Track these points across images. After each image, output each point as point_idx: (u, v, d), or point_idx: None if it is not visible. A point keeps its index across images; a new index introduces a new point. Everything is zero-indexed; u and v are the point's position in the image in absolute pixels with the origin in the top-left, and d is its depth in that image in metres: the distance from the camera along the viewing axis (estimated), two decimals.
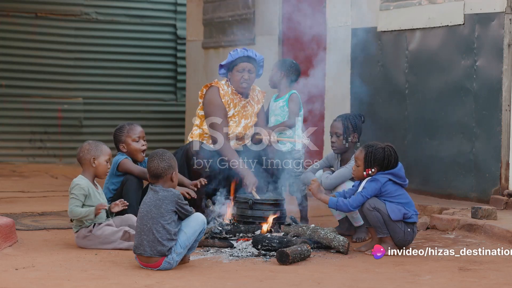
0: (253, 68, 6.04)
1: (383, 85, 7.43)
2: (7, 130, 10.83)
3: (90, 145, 5.25)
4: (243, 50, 6.05)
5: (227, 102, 6.00)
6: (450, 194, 6.82)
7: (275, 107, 6.25)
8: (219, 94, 5.99)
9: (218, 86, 6.02)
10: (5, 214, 5.94)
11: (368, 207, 5.07)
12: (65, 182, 8.90)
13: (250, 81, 6.03)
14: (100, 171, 5.23)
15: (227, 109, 5.99)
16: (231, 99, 6.03)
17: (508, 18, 6.34)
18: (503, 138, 6.39)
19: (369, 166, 5.14)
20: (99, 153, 5.22)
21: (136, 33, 11.57)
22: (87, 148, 5.23)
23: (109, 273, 4.44)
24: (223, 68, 6.09)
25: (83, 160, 5.22)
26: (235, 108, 6.04)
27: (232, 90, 6.04)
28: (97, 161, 5.21)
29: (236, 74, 6.01)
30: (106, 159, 5.24)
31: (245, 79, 6.00)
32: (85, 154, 5.21)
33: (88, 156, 5.20)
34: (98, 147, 5.24)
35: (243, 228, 5.38)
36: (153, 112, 11.63)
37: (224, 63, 6.05)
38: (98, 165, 5.21)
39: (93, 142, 5.29)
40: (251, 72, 6.03)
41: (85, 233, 5.13)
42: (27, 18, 10.90)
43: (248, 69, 6.02)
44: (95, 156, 5.20)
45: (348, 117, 5.75)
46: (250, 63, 6.02)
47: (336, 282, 4.31)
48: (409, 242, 5.16)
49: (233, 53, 6.04)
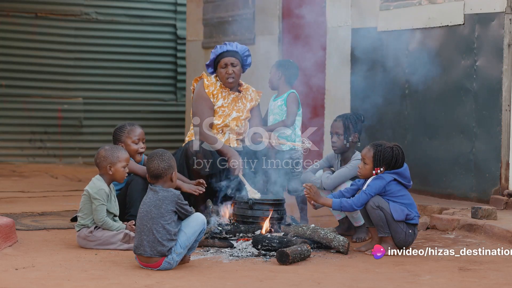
0: (236, 61, 6.06)
1: (383, 85, 7.43)
2: (7, 130, 10.83)
3: (107, 151, 5.15)
4: (223, 45, 6.09)
5: (212, 92, 6.03)
6: (450, 194, 6.82)
7: (274, 106, 6.26)
8: (203, 85, 6.04)
9: (203, 78, 6.08)
10: (5, 214, 5.94)
11: (372, 205, 5.07)
12: (65, 182, 8.90)
13: (235, 75, 6.06)
14: (118, 177, 5.17)
15: (215, 100, 6.02)
16: (219, 91, 6.06)
17: (508, 18, 6.34)
18: (503, 138, 6.39)
19: (378, 165, 5.13)
20: (116, 160, 5.14)
21: (136, 33, 11.57)
22: (103, 155, 5.14)
23: (109, 273, 4.44)
24: (210, 67, 6.14)
25: (100, 166, 5.16)
26: (225, 99, 6.06)
27: (221, 84, 6.08)
28: (114, 168, 5.13)
29: (220, 70, 6.06)
30: (123, 165, 5.16)
31: (229, 74, 6.04)
32: (101, 161, 5.14)
33: (105, 163, 5.13)
34: (114, 153, 5.15)
35: (243, 228, 5.39)
36: (153, 112, 11.63)
37: (208, 62, 6.12)
38: (115, 171, 5.14)
39: (109, 148, 5.19)
40: (234, 65, 6.05)
41: (86, 233, 5.12)
42: (27, 18, 10.90)
43: (231, 63, 6.05)
44: (112, 163, 5.13)
45: (348, 117, 5.75)
46: (232, 56, 6.06)
47: (336, 282, 4.31)
48: (410, 243, 5.15)
49: (214, 51, 6.12)
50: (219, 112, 6.03)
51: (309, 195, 5.23)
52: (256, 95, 6.24)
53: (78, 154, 11.15)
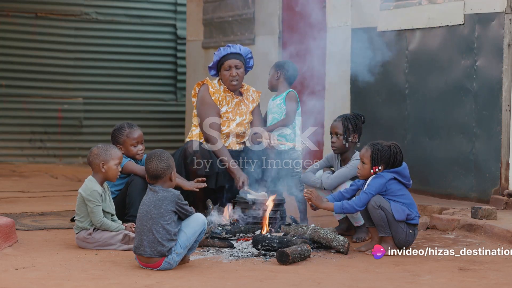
0: (240, 63, 6.04)
1: (383, 85, 7.43)
2: (7, 130, 10.83)
3: (99, 149, 5.15)
4: (227, 47, 6.06)
5: (218, 99, 6.00)
6: (450, 194, 6.82)
7: (273, 105, 6.26)
8: (208, 92, 6.00)
9: (207, 84, 6.03)
10: (5, 214, 5.94)
11: (373, 205, 5.06)
12: (65, 182, 8.90)
13: (239, 77, 6.04)
14: (110, 175, 5.16)
15: (220, 106, 6.00)
16: (223, 96, 6.04)
17: (508, 18, 6.34)
18: (503, 138, 6.39)
19: (376, 164, 5.13)
20: (109, 158, 5.13)
21: (136, 33, 11.57)
22: (96, 152, 5.14)
23: (109, 273, 4.43)
24: (213, 69, 6.11)
25: (93, 164, 5.15)
26: (228, 105, 6.05)
27: (224, 88, 6.06)
28: (107, 166, 5.12)
29: (224, 72, 6.03)
30: (116, 163, 5.15)
31: (233, 76, 6.02)
32: (94, 158, 5.13)
33: (97, 161, 5.12)
34: (107, 151, 5.14)
35: (243, 228, 5.39)
36: (153, 112, 11.63)
37: (211, 65, 6.08)
38: (108, 169, 5.13)
39: (102, 146, 5.19)
40: (238, 68, 6.03)
41: (85, 235, 5.11)
42: (27, 18, 10.90)
43: (235, 65, 6.02)
44: (104, 161, 5.12)
45: (348, 117, 5.75)
46: (236, 59, 6.03)
47: (336, 282, 4.31)
48: (410, 243, 5.15)
49: (217, 53, 6.06)
50: (223, 118, 6.02)
51: (311, 201, 5.24)
52: (256, 96, 6.24)
53: (78, 154, 11.15)
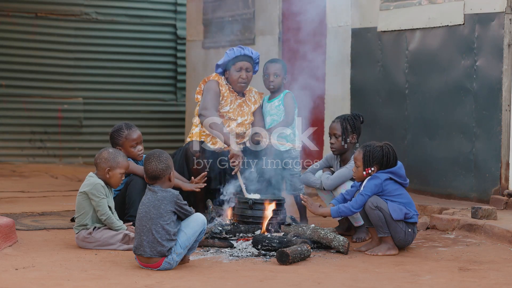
0: (250, 66, 6.06)
1: (383, 85, 7.43)
2: (7, 130, 10.82)
3: (109, 154, 5.15)
4: (240, 48, 6.05)
5: (223, 94, 6.00)
6: (450, 194, 6.82)
7: (270, 107, 6.24)
8: (218, 84, 6.01)
9: (217, 80, 6.04)
10: (5, 214, 5.94)
11: (370, 206, 5.07)
12: (65, 182, 8.90)
13: (247, 80, 6.05)
14: (113, 182, 5.16)
15: (223, 102, 6.00)
16: (229, 95, 6.04)
17: (508, 18, 6.34)
18: (503, 138, 6.39)
19: (368, 165, 5.14)
20: (115, 165, 5.13)
21: (136, 33, 11.57)
22: (105, 156, 5.14)
23: (109, 273, 4.44)
24: (220, 68, 6.10)
25: (99, 167, 5.16)
26: (231, 105, 6.05)
27: (229, 88, 6.06)
28: (112, 172, 5.13)
29: (234, 73, 6.02)
30: (121, 172, 5.16)
31: (243, 78, 6.03)
32: (101, 162, 5.14)
33: (104, 165, 5.12)
34: (116, 158, 5.15)
35: (243, 228, 5.39)
36: (153, 112, 11.63)
37: (221, 62, 6.06)
38: (112, 176, 5.13)
39: (113, 151, 5.19)
40: (248, 71, 6.05)
41: (85, 235, 5.11)
42: (27, 18, 10.90)
43: (246, 68, 6.03)
44: (111, 167, 5.12)
45: (346, 118, 5.74)
46: (247, 61, 6.04)
47: (336, 282, 4.31)
48: (410, 242, 5.15)
49: (229, 52, 6.05)
50: (225, 117, 6.02)
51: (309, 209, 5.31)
52: (258, 97, 6.24)
53: (78, 154, 11.15)
